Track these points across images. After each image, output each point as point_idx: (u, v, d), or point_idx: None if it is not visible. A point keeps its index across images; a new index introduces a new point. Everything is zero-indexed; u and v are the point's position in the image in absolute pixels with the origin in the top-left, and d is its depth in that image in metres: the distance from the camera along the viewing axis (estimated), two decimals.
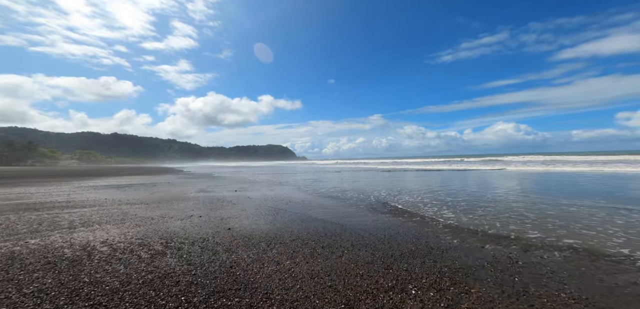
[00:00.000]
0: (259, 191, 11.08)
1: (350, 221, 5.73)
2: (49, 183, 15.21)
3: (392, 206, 7.55)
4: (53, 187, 12.54)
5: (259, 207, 7.35)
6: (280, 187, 12.93)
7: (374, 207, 7.47)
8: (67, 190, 11.47)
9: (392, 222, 5.62)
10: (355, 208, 7.29)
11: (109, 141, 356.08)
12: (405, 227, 5.21)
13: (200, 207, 7.23)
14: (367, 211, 6.93)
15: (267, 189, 12.04)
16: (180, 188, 12.33)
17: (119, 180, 17.88)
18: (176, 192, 10.57)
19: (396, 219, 5.92)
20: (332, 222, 5.61)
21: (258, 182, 15.56)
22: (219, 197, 9.32)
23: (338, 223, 5.55)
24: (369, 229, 5.07)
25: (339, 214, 6.45)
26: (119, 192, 10.79)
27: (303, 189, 12.15)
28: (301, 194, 10.44)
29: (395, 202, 8.13)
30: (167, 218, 5.85)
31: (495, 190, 10.64)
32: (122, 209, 6.86)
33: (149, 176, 23.54)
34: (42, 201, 8.23)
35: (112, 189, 12.07)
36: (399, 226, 5.31)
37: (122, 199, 8.70)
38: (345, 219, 5.98)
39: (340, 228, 5.15)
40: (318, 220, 5.84)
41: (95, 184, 14.42)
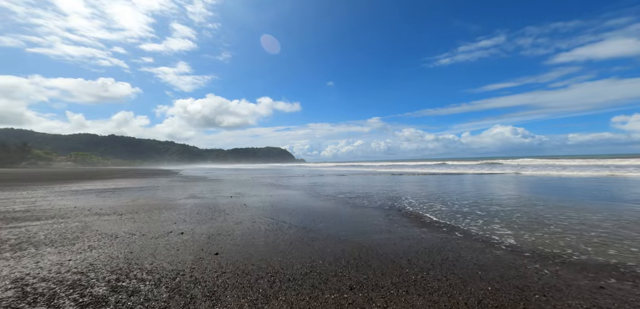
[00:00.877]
0: (258, 197, 9.71)
1: (378, 241, 4.38)
2: (26, 187, 13.76)
3: (426, 218, 6.19)
4: (25, 193, 11.12)
5: (257, 219, 5.99)
6: (282, 191, 11.57)
7: (402, 219, 6.12)
8: (39, 196, 10.05)
9: (435, 242, 4.27)
10: (379, 220, 5.93)
11: (106, 143, 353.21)
12: (456, 251, 3.87)
13: (185, 219, 5.86)
14: (395, 224, 5.58)
15: (267, 193, 10.68)
16: (169, 193, 10.94)
17: (106, 184, 16.46)
18: (162, 199, 9.18)
19: (437, 236, 4.58)
20: (355, 243, 4.26)
21: (256, 186, 14.19)
22: (211, 204, 7.95)
23: (364, 245, 4.20)
24: (409, 254, 3.73)
25: (361, 230, 5.10)
26: (97, 198, 9.40)
27: (310, 193, 10.79)
28: (307, 199, 9.07)
29: (426, 212, 6.78)
30: (137, 236, 4.48)
31: (533, 197, 9.32)
32: (85, 221, 5.48)
33: (140, 179, 22.10)
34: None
35: (92, 194, 10.66)
36: (445, 248, 3.96)
37: (95, 207, 7.31)
38: (372, 237, 4.62)
39: (369, 252, 3.81)
40: (335, 238, 4.49)
41: (76, 189, 13.00)
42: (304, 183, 16.19)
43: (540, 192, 10.31)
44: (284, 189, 12.50)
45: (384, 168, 41.25)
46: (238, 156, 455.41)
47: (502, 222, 5.60)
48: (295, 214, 6.56)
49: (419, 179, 18.53)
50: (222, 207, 7.42)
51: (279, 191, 11.89)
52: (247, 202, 8.33)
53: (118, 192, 11.19)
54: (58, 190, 12.20)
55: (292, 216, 6.41)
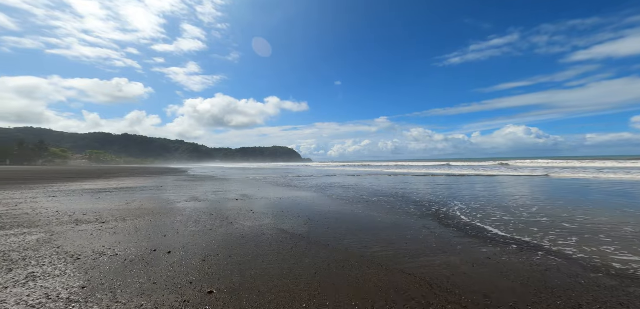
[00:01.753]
0: (267, 200, 8.52)
1: (440, 268, 3.07)
2: (24, 186, 13.06)
3: (488, 231, 4.82)
4: (17, 193, 10.31)
5: (267, 231, 4.77)
6: (293, 193, 10.36)
7: (457, 232, 4.78)
8: (29, 197, 9.17)
9: (525, 272, 2.93)
10: (426, 235, 4.61)
11: (120, 142, 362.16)
12: (571, 289, 2.52)
13: (178, 231, 4.70)
14: (452, 240, 4.25)
15: (276, 196, 9.48)
16: (170, 195, 9.89)
17: (109, 183, 15.68)
18: (160, 201, 8.11)
19: (523, 261, 3.23)
20: (410, 275, 2.97)
21: (265, 187, 13.04)
22: (214, 209, 6.80)
23: (423, 277, 2.90)
24: (496, 291, 2.41)
25: (409, 251, 3.80)
26: (89, 200, 8.42)
27: (326, 196, 9.52)
28: (325, 204, 7.80)
29: (485, 223, 5.40)
30: (107, 257, 3.32)
31: (601, 205, 7.78)
32: (53, 232, 4.38)
33: (146, 177, 21.38)
34: None
35: (87, 195, 9.73)
36: (552, 284, 2.62)
37: (79, 211, 6.27)
38: (428, 262, 3.32)
39: (436, 290, 2.51)
40: (376, 265, 3.21)
41: (75, 189, 12.17)
42: (316, 184, 14.94)
43: (613, 199, 8.72)
44: (295, 191, 11.28)
45: (397, 168, 39.51)
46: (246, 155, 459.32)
47: (613, 241, 4.15)
48: (314, 225, 5.31)
49: (448, 181, 16.99)
50: (226, 214, 6.24)
51: (290, 192, 10.68)
52: (255, 208, 7.14)
53: (116, 193, 10.23)
54: (55, 190, 11.37)
55: (311, 227, 5.16)
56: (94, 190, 11.29)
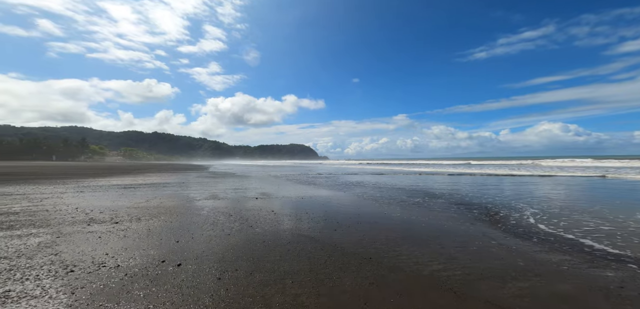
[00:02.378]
0: (288, 199, 7.83)
1: (547, 297, 2.10)
2: (57, 181, 13.59)
3: (591, 247, 3.72)
4: (49, 188, 10.57)
5: (292, 238, 4.03)
6: (316, 191, 9.61)
7: (541, 245, 3.72)
8: (57, 192, 9.29)
9: None
10: (493, 246, 3.59)
11: (150, 140, 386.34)
12: None
13: (193, 235, 4.12)
14: (544, 257, 3.22)
15: (298, 195, 8.77)
16: (190, 192, 9.58)
17: (136, 179, 16.03)
18: (179, 199, 7.74)
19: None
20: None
21: (285, 184, 12.44)
22: (232, 209, 6.22)
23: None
24: None
25: (479, 269, 2.85)
26: (111, 196, 8.28)
27: (355, 196, 8.65)
28: (355, 205, 6.94)
29: (576, 235, 4.27)
30: (107, 268, 2.75)
31: None
32: (61, 234, 3.97)
33: (170, 174, 21.86)
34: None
35: (112, 191, 9.71)
36: None
37: (97, 209, 5.98)
38: (519, 286, 2.36)
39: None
40: (447, 292, 2.30)
41: (102, 184, 12.39)
42: (339, 182, 14.08)
43: None
44: (317, 189, 10.53)
45: (422, 167, 37.35)
46: (264, 153, 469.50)
47: None
48: (346, 231, 4.48)
49: (492, 181, 15.38)
50: (245, 215, 5.62)
51: (312, 191, 9.94)
52: (276, 208, 6.46)
53: (140, 189, 10.14)
54: (85, 185, 11.61)
55: (343, 233, 4.34)
56: (120, 186, 11.36)
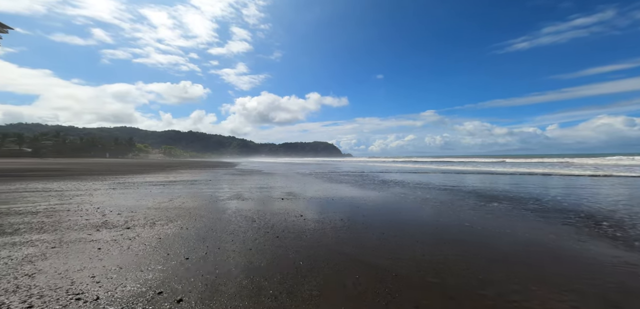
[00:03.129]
0: (319, 201, 6.83)
1: None
2: (98, 177, 14.26)
3: None
4: (87, 184, 10.88)
5: (332, 257, 2.98)
6: (349, 190, 8.50)
7: None
8: (90, 189, 9.40)
9: None
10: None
11: (186, 138, 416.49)
12: None
13: (208, 249, 3.29)
14: None
15: (328, 195, 7.74)
16: (214, 190, 9.10)
17: (167, 176, 16.41)
18: (202, 199, 7.18)
19: None
20: None
21: (312, 182, 11.51)
22: (256, 212, 5.39)
23: None
24: None
25: None
26: (138, 194, 8.04)
27: (398, 196, 7.39)
28: (408, 209, 5.71)
29: None
30: (76, 306, 1.95)
31: None
32: (56, 243, 3.40)
33: (200, 170, 22.36)
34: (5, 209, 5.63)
35: (143, 188, 9.63)
36: None
37: (117, 209, 5.55)
38: None
39: None
40: None
41: (135, 181, 12.64)
42: (373, 181, 12.78)
43: None
44: (349, 188, 9.39)
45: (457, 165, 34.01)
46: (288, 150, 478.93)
47: None
48: (403, 248, 3.31)
49: (576, 181, 13.02)
50: (270, 220, 4.73)
51: (344, 191, 8.83)
52: (305, 212, 5.48)
53: (168, 187, 9.95)
54: (119, 182, 11.87)
55: (401, 253, 3.17)
56: (151, 183, 11.39)
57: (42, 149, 76.42)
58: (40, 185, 9.48)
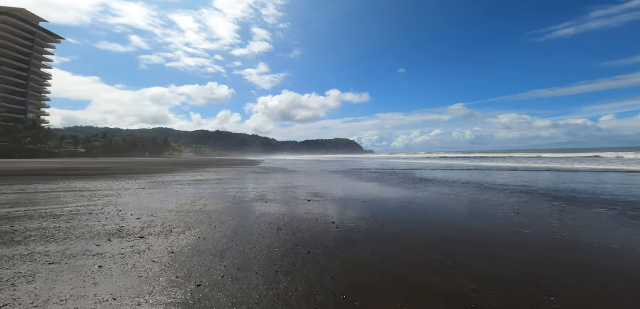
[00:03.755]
0: (351, 203, 5.96)
1: None
2: (133, 177, 14.83)
3: None
4: (119, 184, 11.17)
5: (377, 283, 2.09)
6: (380, 190, 7.51)
7: None
8: (119, 188, 9.52)
9: None
10: None
11: (214, 138, 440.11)
12: None
13: (226, 269, 2.62)
14: None
15: (359, 195, 6.83)
16: (237, 191, 8.68)
17: (195, 175, 16.71)
18: (224, 201, 6.71)
19: None
20: None
21: (338, 181, 10.66)
22: (281, 218, 4.70)
23: None
24: None
25: None
26: (165, 196, 7.86)
27: (448, 198, 6.28)
28: (480, 214, 4.64)
29: None
30: None
31: None
32: (58, 256, 2.97)
33: (225, 168, 22.66)
34: (20, 212, 5.57)
35: (170, 188, 9.57)
36: None
37: (137, 213, 5.23)
38: None
39: None
40: None
41: (164, 180, 12.84)
42: (407, 178, 11.58)
43: None
44: (381, 187, 8.38)
45: (498, 161, 30.79)
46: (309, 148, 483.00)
47: None
48: (495, 280, 2.33)
49: None
50: (297, 228, 3.98)
51: (376, 190, 7.84)
52: (337, 217, 4.66)
53: (194, 186, 9.80)
54: (149, 181, 12.10)
55: (494, 284, 2.20)
56: (179, 182, 11.43)
57: (94, 150, 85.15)
58: (79, 184, 9.85)
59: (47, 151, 66.24)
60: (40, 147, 64.59)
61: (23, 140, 61.97)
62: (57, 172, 16.07)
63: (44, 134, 72.28)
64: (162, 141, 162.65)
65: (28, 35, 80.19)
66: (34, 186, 9.10)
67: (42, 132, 71.55)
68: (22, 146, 59.83)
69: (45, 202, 6.13)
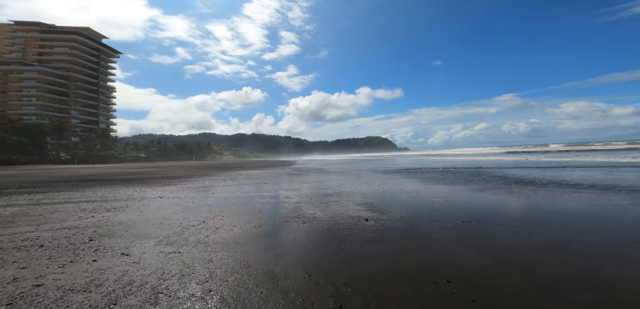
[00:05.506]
0: (432, 226, 3.95)
1: None
2: (172, 181, 14.81)
3: None
4: (155, 190, 10.79)
5: None
6: (456, 193, 5.29)
7: None
8: (154, 196, 8.92)
9: None
10: None
11: (250, 140, 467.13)
12: None
13: None
14: None
15: (434, 206, 4.73)
16: (267, 200, 7.28)
17: (230, 174, 16.22)
18: (248, 218, 5.28)
19: None
20: None
21: (390, 182, 8.57)
22: (332, 267, 2.95)
23: None
24: None
25: None
26: (191, 202, 6.82)
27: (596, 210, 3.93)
28: None
29: None
30: None
31: None
32: None
33: (258, 171, 22.14)
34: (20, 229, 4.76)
35: (200, 192, 8.69)
36: None
37: (154, 224, 4.03)
38: None
39: None
40: None
41: (197, 185, 12.31)
42: (483, 178, 8.94)
43: None
44: (462, 190, 6.07)
45: (580, 155, 24.88)
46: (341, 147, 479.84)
47: None
48: None
49: None
50: (373, 302, 2.17)
51: (477, 200, 5.60)
52: (429, 262, 2.73)
53: (225, 188, 8.76)
54: (184, 186, 11.62)
55: None
56: (208, 187, 10.66)
57: (151, 154, 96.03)
58: (110, 194, 9.60)
59: (115, 157, 76.59)
60: (109, 153, 74.93)
61: (94, 147, 72.51)
62: (106, 178, 17.08)
63: (112, 141, 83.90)
64: (206, 145, 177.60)
65: (94, 52, 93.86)
66: (103, 191, 9.03)
67: (110, 140, 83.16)
68: (93, 152, 70.01)
69: (58, 212, 5.47)
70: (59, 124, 73.80)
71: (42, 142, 64.26)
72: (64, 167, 38.85)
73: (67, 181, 14.31)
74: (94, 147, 72.41)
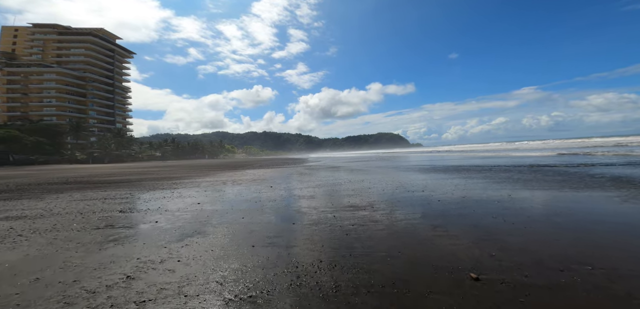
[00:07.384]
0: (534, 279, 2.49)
1: None
2: (184, 182, 14.01)
3: None
4: (163, 192, 9.89)
5: None
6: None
7: None
8: (159, 197, 7.95)
9: None
10: None
11: (261, 138, 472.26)
12: None
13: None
14: None
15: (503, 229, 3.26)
16: (276, 210, 6.04)
17: (244, 173, 15.26)
18: (261, 230, 4.02)
19: None
20: None
21: (422, 182, 7.07)
22: None
23: None
24: None
25: None
26: (203, 204, 5.69)
27: None
28: None
29: None
30: None
31: None
32: None
33: (270, 169, 21.13)
34: None
35: (212, 192, 7.62)
36: None
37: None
38: None
39: None
40: None
41: (203, 184, 11.36)
42: (537, 177, 7.23)
43: None
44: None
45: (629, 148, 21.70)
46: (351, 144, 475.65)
47: None
48: None
49: None
50: None
51: (527, 202, 4.07)
52: None
53: (236, 188, 7.64)
54: (195, 181, 10.68)
55: None
56: (215, 187, 9.61)
57: (166, 153, 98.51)
58: (100, 202, 8.73)
59: (131, 156, 78.94)
60: (124, 153, 77.24)
61: (109, 146, 74.92)
62: (108, 179, 16.61)
63: (127, 140, 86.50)
64: (218, 144, 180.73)
65: (108, 53, 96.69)
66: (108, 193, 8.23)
67: (125, 139, 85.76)
68: (108, 151, 72.33)
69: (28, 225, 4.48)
70: (77, 124, 76.81)
71: (61, 142, 67.09)
72: (74, 167, 39.80)
73: (53, 183, 13.81)
74: (109, 146, 74.81)
